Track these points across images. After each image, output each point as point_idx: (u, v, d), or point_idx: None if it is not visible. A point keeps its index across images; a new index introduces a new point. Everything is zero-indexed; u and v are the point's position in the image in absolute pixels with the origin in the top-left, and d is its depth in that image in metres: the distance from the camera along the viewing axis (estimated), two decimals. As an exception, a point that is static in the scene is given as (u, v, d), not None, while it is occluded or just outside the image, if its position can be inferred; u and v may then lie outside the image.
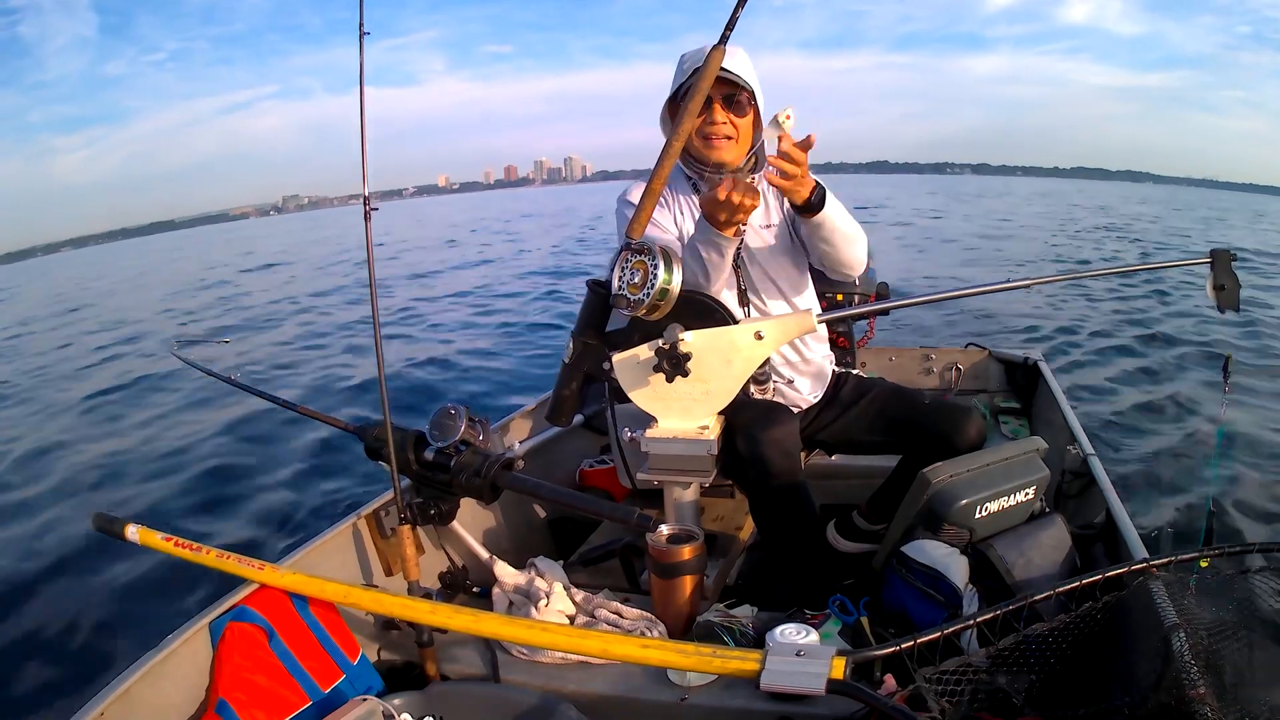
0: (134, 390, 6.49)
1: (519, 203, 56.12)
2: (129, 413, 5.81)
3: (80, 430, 5.55)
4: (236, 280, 15.86)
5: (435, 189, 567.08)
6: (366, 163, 1.39)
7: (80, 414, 5.99)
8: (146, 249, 54.81)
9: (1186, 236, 17.39)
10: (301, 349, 7.49)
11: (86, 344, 9.49)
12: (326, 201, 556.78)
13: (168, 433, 5.16)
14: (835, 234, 1.38)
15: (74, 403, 6.27)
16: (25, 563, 3.31)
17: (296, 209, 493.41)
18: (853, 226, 1.42)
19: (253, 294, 12.68)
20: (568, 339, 1.49)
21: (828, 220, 1.35)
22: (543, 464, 2.07)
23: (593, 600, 1.38)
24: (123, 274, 25.25)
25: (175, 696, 1.11)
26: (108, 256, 50.75)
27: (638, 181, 1.61)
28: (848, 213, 1.41)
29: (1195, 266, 1.63)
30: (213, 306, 11.82)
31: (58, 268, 45.66)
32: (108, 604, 2.82)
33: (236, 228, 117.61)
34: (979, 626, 0.94)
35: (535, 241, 19.24)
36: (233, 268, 19.26)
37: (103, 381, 6.93)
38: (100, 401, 6.25)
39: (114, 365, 7.72)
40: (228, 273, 17.97)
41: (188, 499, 3.97)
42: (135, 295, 16.14)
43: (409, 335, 7.69)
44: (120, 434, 5.30)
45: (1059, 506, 1.67)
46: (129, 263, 33.50)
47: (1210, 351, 5.41)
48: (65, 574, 3.12)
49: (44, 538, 3.60)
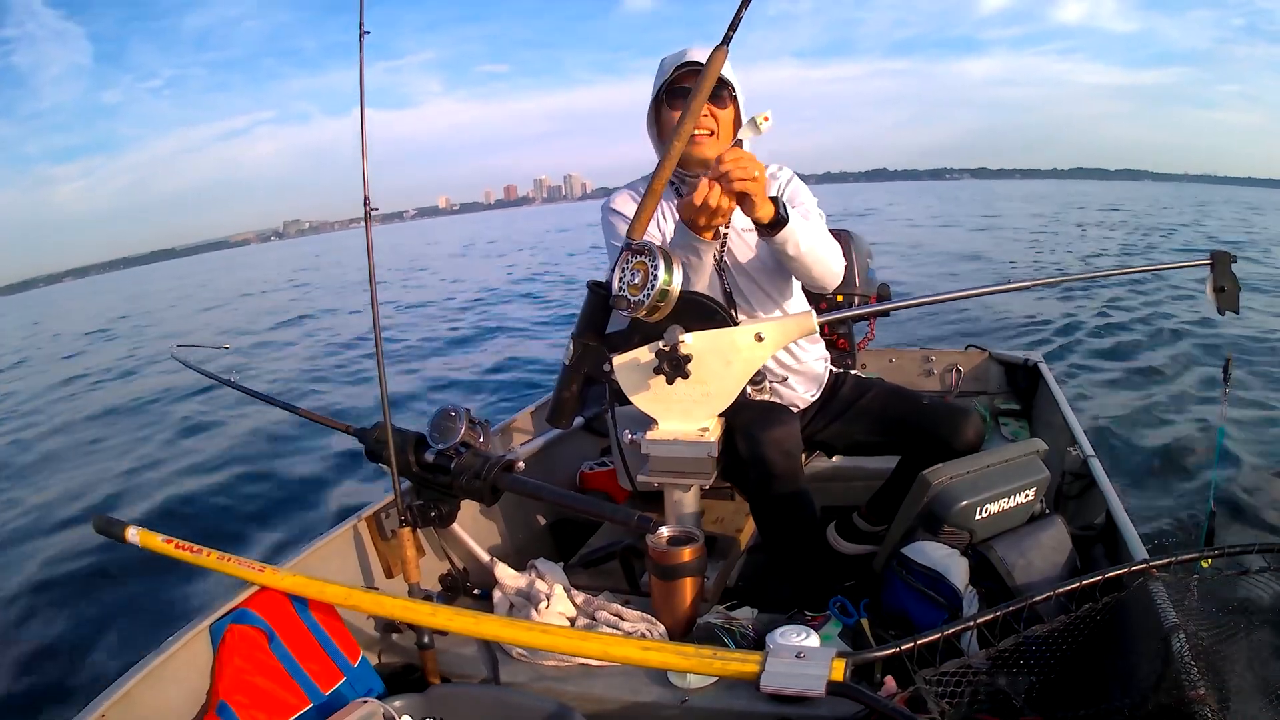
0: (135, 398, 6.50)
1: (554, 218, 55.14)
2: (129, 419, 5.82)
3: (81, 434, 5.56)
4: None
5: (436, 210, 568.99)
6: (366, 164, 1.39)
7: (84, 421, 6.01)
8: (194, 269, 53.88)
9: (1174, 231, 17.36)
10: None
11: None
12: (328, 226, 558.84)
13: (169, 437, 5.17)
14: (800, 254, 1.37)
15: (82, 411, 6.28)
16: (26, 565, 3.31)
17: (298, 234, 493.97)
18: (823, 245, 1.41)
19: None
20: (568, 340, 1.49)
21: (791, 238, 1.34)
22: (543, 466, 2.07)
23: (593, 602, 1.38)
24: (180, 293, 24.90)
25: (176, 698, 1.11)
26: (126, 282, 50.01)
27: (622, 190, 1.62)
28: (819, 230, 1.40)
29: (1195, 268, 1.64)
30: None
31: (87, 292, 45.22)
32: (108, 606, 2.82)
33: (271, 249, 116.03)
34: (979, 628, 0.94)
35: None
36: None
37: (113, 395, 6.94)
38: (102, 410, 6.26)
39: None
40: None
41: (187, 500, 3.98)
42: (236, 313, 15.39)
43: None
44: (121, 438, 5.30)
45: (1059, 508, 1.67)
46: (167, 284, 33.03)
47: (1209, 346, 5.42)
48: (66, 576, 3.12)
49: (44, 539, 3.61)
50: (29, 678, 2.42)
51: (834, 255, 1.44)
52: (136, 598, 2.80)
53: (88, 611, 2.81)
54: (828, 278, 1.45)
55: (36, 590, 3.05)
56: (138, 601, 2.78)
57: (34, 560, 3.36)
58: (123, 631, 2.63)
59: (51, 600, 2.95)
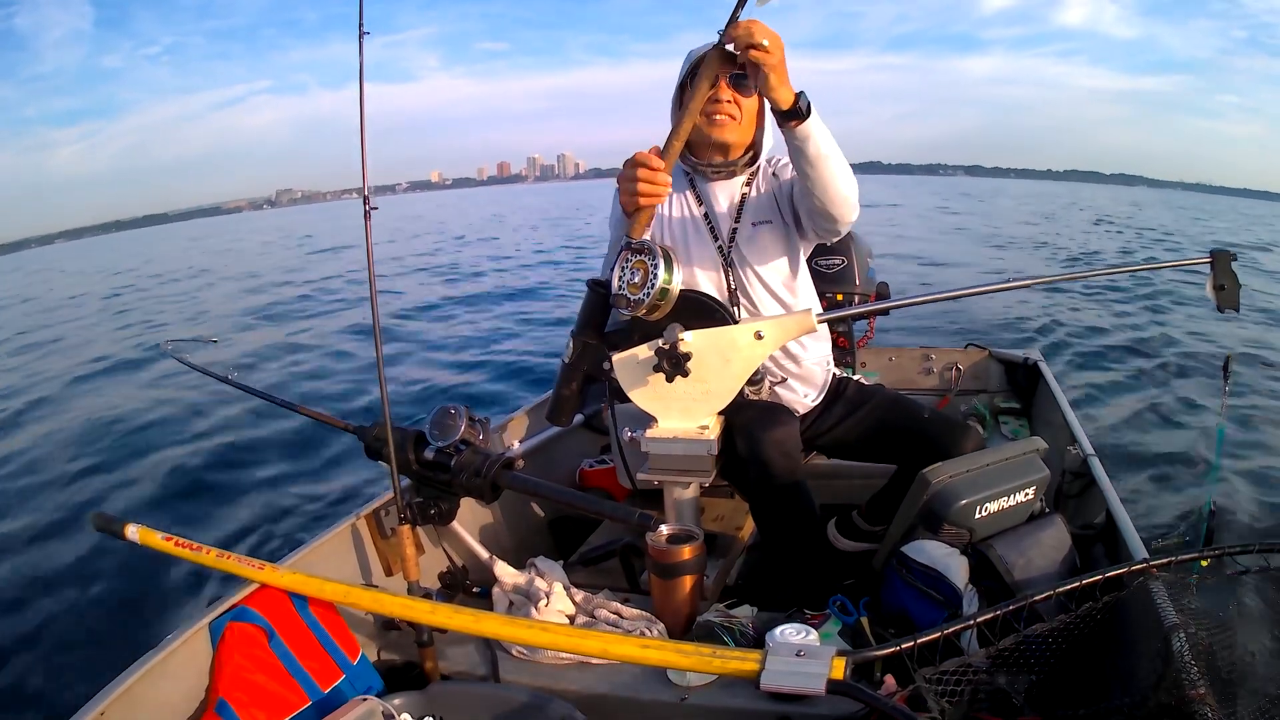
0: (129, 390, 6.49)
1: (578, 194, 54.78)
2: (128, 416, 5.81)
3: (74, 432, 5.55)
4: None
5: (428, 184, 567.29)
6: (366, 164, 1.39)
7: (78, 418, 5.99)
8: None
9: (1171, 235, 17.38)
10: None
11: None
12: (320, 196, 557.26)
13: (165, 433, 5.16)
14: (820, 158, 1.29)
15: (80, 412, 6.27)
16: (25, 563, 3.31)
17: (290, 203, 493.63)
18: (840, 156, 1.32)
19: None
20: (567, 338, 1.49)
21: (812, 137, 1.27)
22: (543, 464, 2.07)
23: (593, 600, 1.38)
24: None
25: (175, 696, 1.11)
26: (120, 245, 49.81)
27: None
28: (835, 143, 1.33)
29: (1195, 266, 1.63)
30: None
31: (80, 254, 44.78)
32: (107, 604, 2.82)
33: (283, 214, 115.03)
34: (979, 627, 0.94)
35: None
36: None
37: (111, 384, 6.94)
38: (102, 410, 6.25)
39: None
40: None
41: (186, 500, 3.97)
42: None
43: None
44: (116, 434, 5.30)
45: (1059, 507, 1.67)
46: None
47: (1211, 349, 5.42)
48: (65, 574, 3.12)
49: (44, 539, 3.60)
50: (28, 676, 2.42)
51: (852, 179, 1.35)
52: (135, 596, 2.80)
53: (87, 609, 2.80)
54: (846, 202, 1.37)
55: (35, 588, 3.05)
56: (137, 599, 2.78)
57: (32, 558, 3.36)
58: (122, 629, 2.63)
59: (50, 598, 2.94)
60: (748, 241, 1.53)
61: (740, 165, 1.53)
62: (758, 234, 1.53)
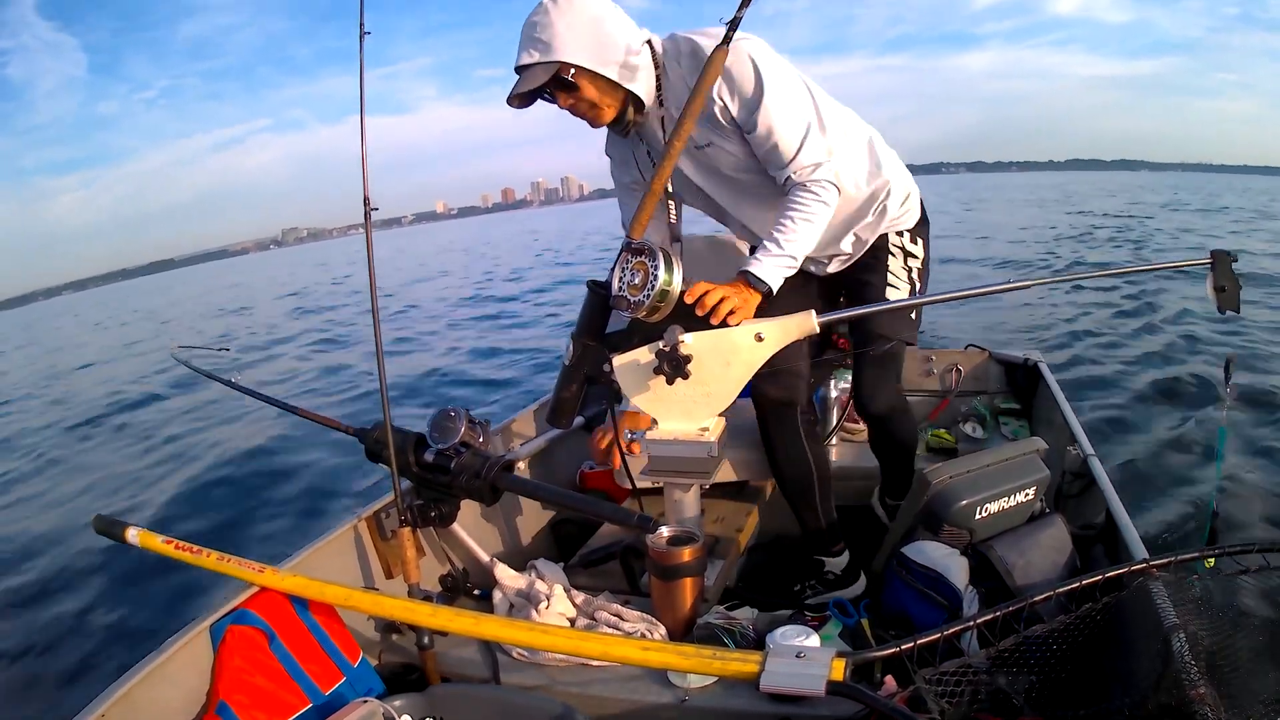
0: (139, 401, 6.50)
1: (585, 220, 54.38)
2: (133, 423, 5.82)
3: (77, 440, 5.56)
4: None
5: (434, 215, 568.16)
6: (366, 165, 1.39)
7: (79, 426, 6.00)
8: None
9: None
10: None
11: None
12: (326, 233, 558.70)
13: (168, 438, 5.17)
14: (810, 248, 1.37)
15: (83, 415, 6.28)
16: (25, 566, 3.32)
17: (296, 241, 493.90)
18: (806, 236, 1.36)
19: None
20: (568, 341, 1.49)
21: (783, 272, 1.35)
22: (543, 466, 2.07)
23: (593, 602, 1.38)
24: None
25: (176, 699, 1.11)
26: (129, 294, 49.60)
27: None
28: (797, 233, 1.34)
29: (1195, 268, 1.63)
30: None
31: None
32: (108, 607, 2.82)
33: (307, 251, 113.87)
34: (979, 628, 0.94)
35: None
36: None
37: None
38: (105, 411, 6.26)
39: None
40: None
41: (186, 502, 3.98)
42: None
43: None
44: (120, 439, 5.30)
45: (1059, 507, 1.67)
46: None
47: (1211, 350, 5.41)
48: (65, 577, 3.12)
49: (44, 540, 3.61)
50: (29, 678, 2.42)
51: (817, 220, 1.36)
52: (136, 598, 2.81)
53: (87, 612, 2.81)
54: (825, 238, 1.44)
55: (36, 591, 3.06)
56: (137, 602, 2.79)
57: (33, 561, 3.36)
58: (122, 632, 2.63)
59: (51, 601, 2.95)
60: (716, 156, 1.43)
61: (635, 118, 1.42)
62: (721, 148, 1.42)
